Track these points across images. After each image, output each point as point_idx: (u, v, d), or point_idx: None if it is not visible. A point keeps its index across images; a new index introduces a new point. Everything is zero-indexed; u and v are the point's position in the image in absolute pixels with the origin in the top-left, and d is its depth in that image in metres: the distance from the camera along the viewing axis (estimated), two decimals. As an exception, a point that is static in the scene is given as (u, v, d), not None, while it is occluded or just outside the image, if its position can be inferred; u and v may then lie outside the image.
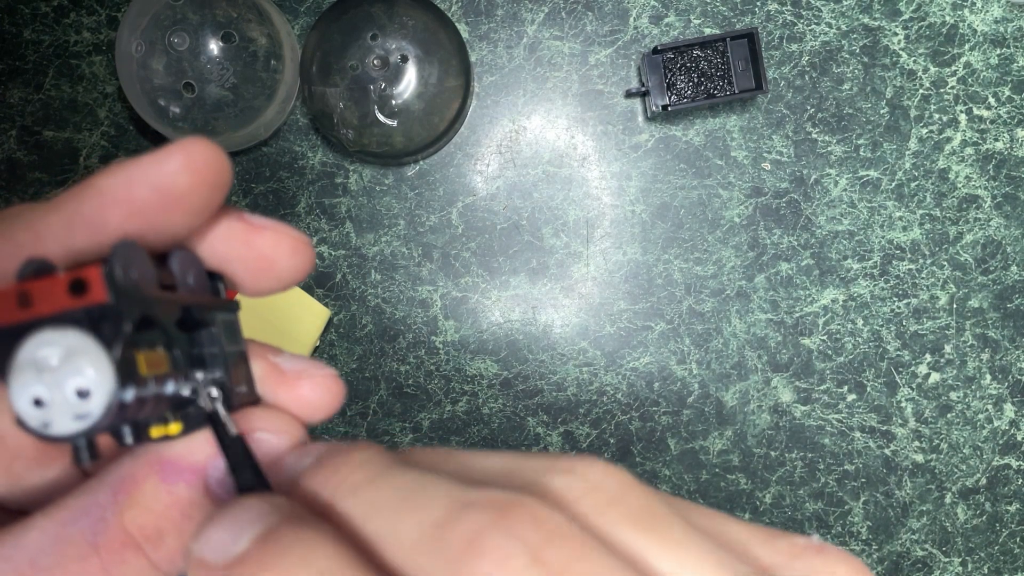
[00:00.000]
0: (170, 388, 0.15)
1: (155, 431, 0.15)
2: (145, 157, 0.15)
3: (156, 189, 0.15)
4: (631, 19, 0.60)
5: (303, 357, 0.19)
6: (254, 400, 0.18)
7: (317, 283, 0.61)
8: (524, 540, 0.12)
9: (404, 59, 0.56)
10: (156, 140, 0.61)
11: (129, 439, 0.14)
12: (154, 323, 0.15)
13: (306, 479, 0.15)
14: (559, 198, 0.61)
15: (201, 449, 0.16)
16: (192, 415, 0.16)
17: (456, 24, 0.58)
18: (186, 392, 0.15)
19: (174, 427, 0.15)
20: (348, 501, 0.14)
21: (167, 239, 0.16)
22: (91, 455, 0.14)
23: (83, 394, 0.13)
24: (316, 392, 0.18)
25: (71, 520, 0.15)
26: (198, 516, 0.15)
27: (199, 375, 0.16)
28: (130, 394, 0.13)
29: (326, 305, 0.60)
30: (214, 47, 0.56)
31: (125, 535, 0.15)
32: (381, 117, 0.57)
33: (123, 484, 0.15)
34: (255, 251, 0.17)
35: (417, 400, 0.61)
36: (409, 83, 0.56)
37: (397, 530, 0.13)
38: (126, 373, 0.13)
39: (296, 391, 0.18)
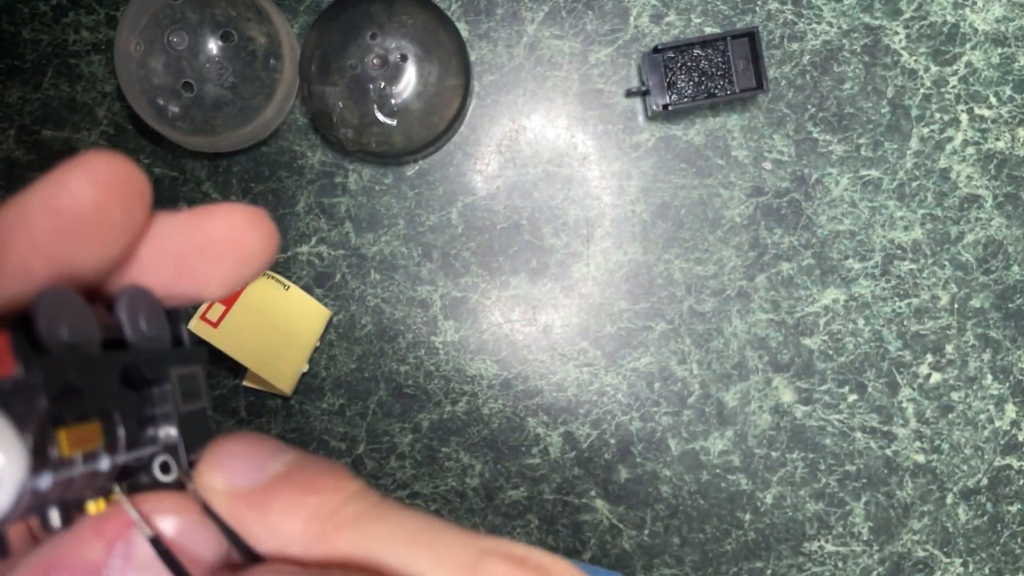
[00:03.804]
0: (104, 464, 0.13)
1: (93, 507, 0.13)
2: (40, 181, 0.13)
3: (56, 213, 0.13)
4: (631, 18, 0.60)
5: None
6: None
7: (316, 283, 0.61)
8: None
9: (404, 58, 0.56)
10: (155, 139, 0.60)
11: (57, 522, 0.12)
12: (84, 390, 0.12)
13: (282, 496, 0.13)
14: (559, 197, 0.61)
15: (93, 546, 0.13)
16: (143, 484, 0.14)
17: (456, 23, 0.58)
18: (125, 461, 0.13)
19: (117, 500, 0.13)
20: (349, 532, 0.13)
21: (90, 274, 0.13)
22: (1, 552, 0.12)
23: None
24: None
25: None
26: None
27: (148, 436, 0.14)
28: (46, 481, 0.11)
29: (325, 305, 0.60)
30: (213, 46, 0.56)
31: None
32: (381, 116, 0.56)
33: None
34: (211, 235, 0.15)
35: (417, 400, 0.61)
36: (409, 82, 0.56)
37: (417, 567, 0.12)
38: (41, 458, 0.11)
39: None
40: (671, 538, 0.61)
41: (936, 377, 0.61)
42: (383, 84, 0.56)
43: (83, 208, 0.13)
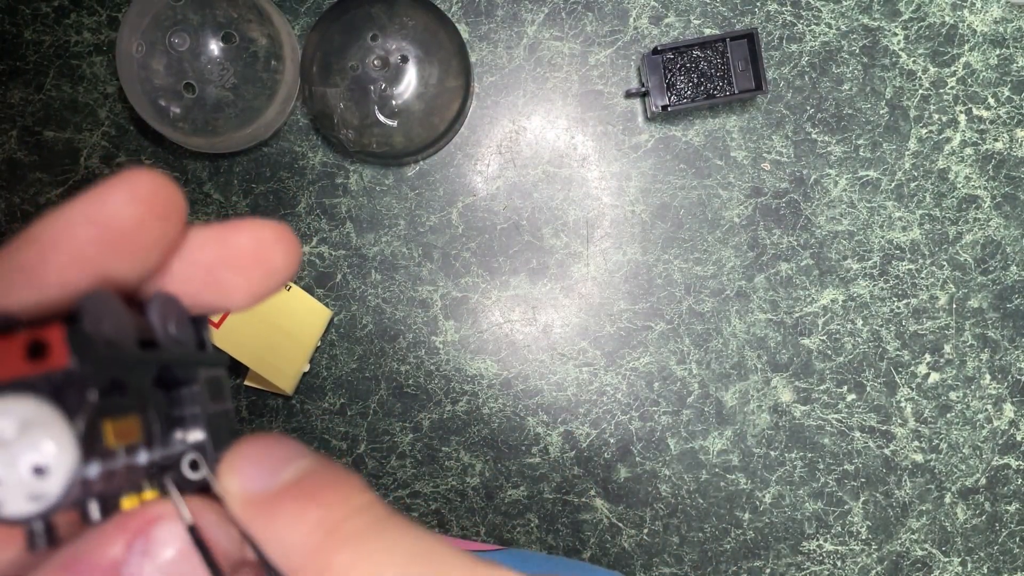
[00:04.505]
0: (143, 458, 0.13)
1: (127, 503, 0.13)
2: (84, 195, 0.14)
3: (99, 227, 0.13)
4: (631, 19, 0.60)
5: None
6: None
7: (318, 283, 0.61)
8: None
9: (404, 59, 0.56)
10: (156, 140, 0.61)
11: (96, 515, 0.13)
12: (127, 385, 0.13)
13: (288, 504, 0.13)
14: (559, 198, 0.61)
15: (114, 542, 0.13)
16: (172, 483, 0.14)
17: (456, 24, 0.58)
18: (160, 458, 0.14)
19: (149, 495, 0.14)
20: (348, 548, 0.13)
21: (125, 284, 0.14)
22: (48, 540, 0.12)
23: (40, 471, 0.11)
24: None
25: None
26: None
27: (177, 436, 0.14)
28: (94, 470, 0.12)
29: (326, 305, 0.60)
30: (214, 47, 0.56)
31: None
32: (381, 117, 0.57)
33: None
34: (237, 249, 0.15)
35: (417, 400, 0.61)
36: (409, 83, 0.56)
37: None
38: (91, 447, 0.12)
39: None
40: (670, 537, 0.61)
41: (934, 377, 0.61)
42: (384, 85, 0.56)
43: (123, 223, 0.13)
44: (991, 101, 0.60)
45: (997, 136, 0.60)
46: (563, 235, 0.61)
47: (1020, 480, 0.61)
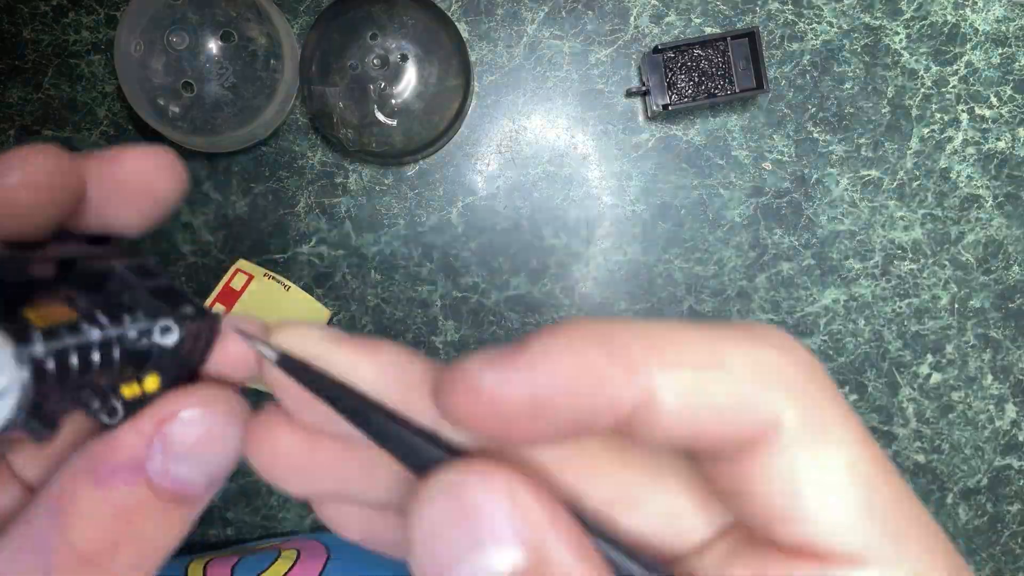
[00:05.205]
0: (95, 334, 0.13)
1: (127, 390, 0.14)
2: None
3: None
4: (631, 18, 0.60)
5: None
6: (211, 320, 0.16)
7: (317, 283, 0.61)
8: None
9: (404, 58, 0.56)
10: (155, 140, 0.60)
11: (96, 404, 0.13)
12: (34, 283, 0.13)
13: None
14: (559, 198, 0.61)
15: (131, 438, 0.14)
16: (166, 362, 0.14)
17: (456, 23, 0.58)
18: (119, 335, 0.14)
19: (150, 381, 0.14)
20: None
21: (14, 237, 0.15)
22: (46, 426, 0.13)
23: None
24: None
25: (18, 553, 0.13)
26: (149, 521, 0.14)
27: (127, 317, 0.14)
28: (39, 348, 0.12)
29: (325, 305, 0.60)
30: (213, 46, 0.56)
31: (76, 556, 0.13)
32: (381, 117, 0.56)
33: (59, 502, 0.14)
34: (122, 179, 0.15)
35: (417, 400, 0.61)
36: (409, 82, 0.56)
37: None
38: (17, 329, 0.12)
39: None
40: (671, 538, 0.61)
41: (936, 377, 0.61)
42: (383, 84, 0.56)
43: (16, 206, 0.14)
44: (993, 100, 0.60)
45: (999, 135, 0.60)
46: (563, 235, 0.61)
47: (1022, 481, 0.61)
